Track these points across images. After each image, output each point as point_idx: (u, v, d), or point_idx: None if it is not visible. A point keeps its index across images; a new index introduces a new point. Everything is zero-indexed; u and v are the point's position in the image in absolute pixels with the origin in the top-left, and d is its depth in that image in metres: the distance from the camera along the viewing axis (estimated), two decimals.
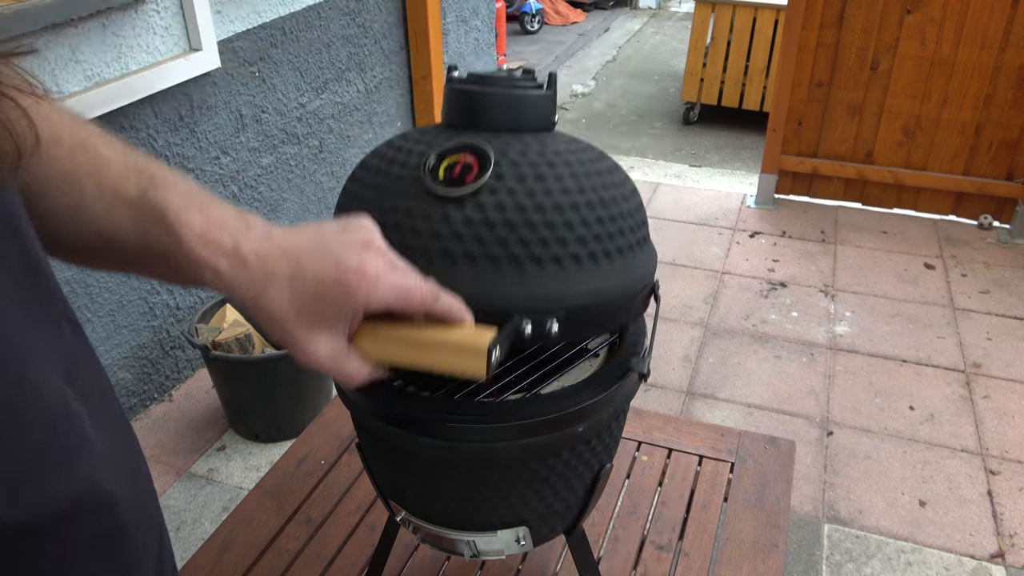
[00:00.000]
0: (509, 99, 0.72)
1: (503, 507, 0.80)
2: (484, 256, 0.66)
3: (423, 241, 0.67)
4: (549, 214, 0.67)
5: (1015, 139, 3.38)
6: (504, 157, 0.69)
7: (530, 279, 0.66)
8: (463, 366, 0.60)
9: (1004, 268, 3.26)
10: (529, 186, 0.68)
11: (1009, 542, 2.05)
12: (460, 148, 0.70)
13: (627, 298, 0.72)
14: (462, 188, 0.67)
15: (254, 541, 1.13)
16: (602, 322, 0.72)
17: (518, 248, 0.66)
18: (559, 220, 0.67)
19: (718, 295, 3.12)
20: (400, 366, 0.61)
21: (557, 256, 0.67)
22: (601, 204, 0.70)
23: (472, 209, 0.66)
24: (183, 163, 2.43)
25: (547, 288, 0.66)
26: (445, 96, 0.76)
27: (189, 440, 2.40)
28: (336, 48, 3.05)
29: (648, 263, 0.76)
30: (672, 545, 1.11)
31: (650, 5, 8.54)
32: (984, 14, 3.21)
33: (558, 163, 0.70)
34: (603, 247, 0.69)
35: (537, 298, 0.66)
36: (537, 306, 0.66)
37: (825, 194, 3.79)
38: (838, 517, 2.13)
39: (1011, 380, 2.63)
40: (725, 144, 5.00)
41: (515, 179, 0.68)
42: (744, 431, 1.31)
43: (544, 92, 0.74)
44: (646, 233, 0.77)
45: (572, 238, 0.67)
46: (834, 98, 3.57)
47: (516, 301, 0.65)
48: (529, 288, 0.66)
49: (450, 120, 0.75)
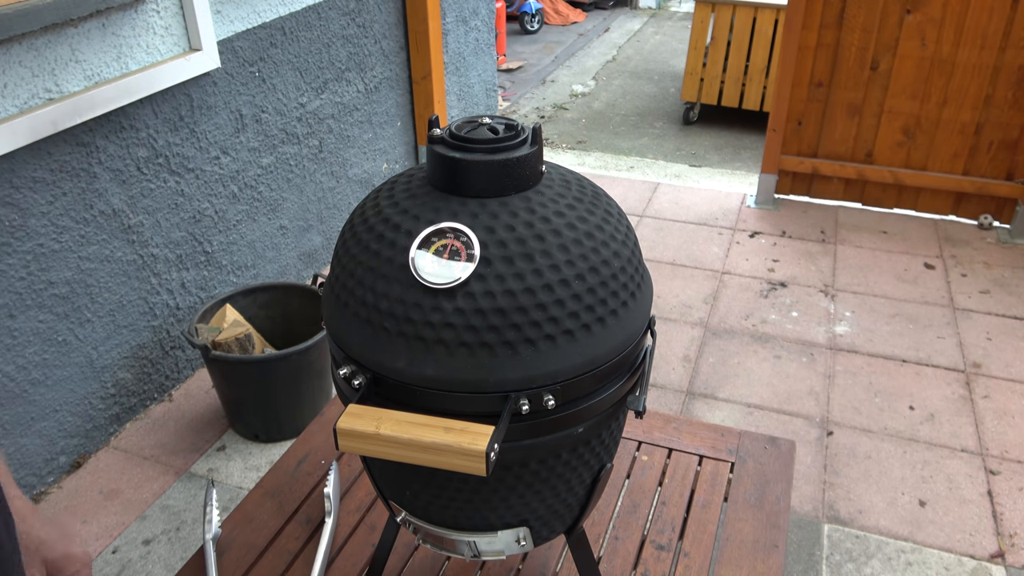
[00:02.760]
0: (493, 166, 0.71)
1: (503, 508, 0.80)
2: (478, 343, 0.66)
3: (418, 329, 0.67)
4: (540, 295, 0.67)
5: (1015, 139, 3.38)
6: (491, 235, 0.68)
7: (524, 361, 0.66)
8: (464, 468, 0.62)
9: (1004, 268, 3.26)
10: (518, 268, 0.67)
11: (1009, 542, 2.05)
12: (446, 233, 0.69)
13: (622, 354, 0.73)
14: (451, 281, 0.67)
15: (254, 541, 1.13)
16: (599, 382, 0.72)
17: (511, 333, 0.66)
18: (550, 300, 0.67)
19: (718, 295, 3.12)
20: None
21: (550, 335, 0.67)
22: (592, 272, 0.69)
23: (463, 299, 0.67)
24: (183, 163, 2.43)
25: (542, 367, 0.67)
26: (428, 157, 0.75)
27: (189, 440, 2.40)
28: (336, 48, 3.05)
29: (642, 312, 0.75)
30: (672, 545, 1.11)
31: (650, 5, 8.54)
32: (984, 14, 3.21)
33: (547, 233, 0.69)
34: (596, 315, 0.69)
35: (533, 378, 0.67)
36: (533, 385, 0.67)
37: (825, 194, 3.79)
38: (838, 517, 2.13)
39: (1011, 380, 2.63)
40: (725, 144, 5.00)
41: (503, 262, 0.67)
42: (744, 431, 1.32)
43: (528, 151, 0.73)
44: (640, 279, 0.76)
45: (564, 315, 0.67)
46: (834, 98, 3.57)
47: (511, 383, 0.66)
48: (524, 370, 0.66)
49: (435, 183, 0.74)
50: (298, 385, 2.31)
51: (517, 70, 6.44)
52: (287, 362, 2.23)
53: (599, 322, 0.69)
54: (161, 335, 2.49)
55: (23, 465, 2.16)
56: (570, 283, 0.68)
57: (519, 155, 0.72)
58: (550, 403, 0.67)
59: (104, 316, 2.27)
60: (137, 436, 2.41)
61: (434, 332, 0.67)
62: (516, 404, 0.65)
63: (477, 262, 0.67)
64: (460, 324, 0.66)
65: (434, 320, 0.67)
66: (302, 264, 3.13)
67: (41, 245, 2.05)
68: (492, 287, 0.67)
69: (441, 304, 0.67)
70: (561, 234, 0.69)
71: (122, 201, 2.25)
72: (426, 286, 0.68)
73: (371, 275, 0.71)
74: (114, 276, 2.28)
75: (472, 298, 0.67)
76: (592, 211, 0.74)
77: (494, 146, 0.72)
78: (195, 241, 2.55)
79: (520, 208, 0.71)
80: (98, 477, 2.27)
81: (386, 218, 0.74)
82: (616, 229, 0.75)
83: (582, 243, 0.70)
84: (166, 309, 2.49)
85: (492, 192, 0.72)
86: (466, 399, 0.67)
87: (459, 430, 0.62)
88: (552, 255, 0.68)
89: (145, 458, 2.33)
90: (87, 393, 2.29)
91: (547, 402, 0.67)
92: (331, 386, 2.45)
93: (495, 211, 0.70)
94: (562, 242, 0.69)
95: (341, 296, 0.74)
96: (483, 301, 0.66)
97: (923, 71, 3.39)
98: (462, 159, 0.71)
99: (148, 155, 2.31)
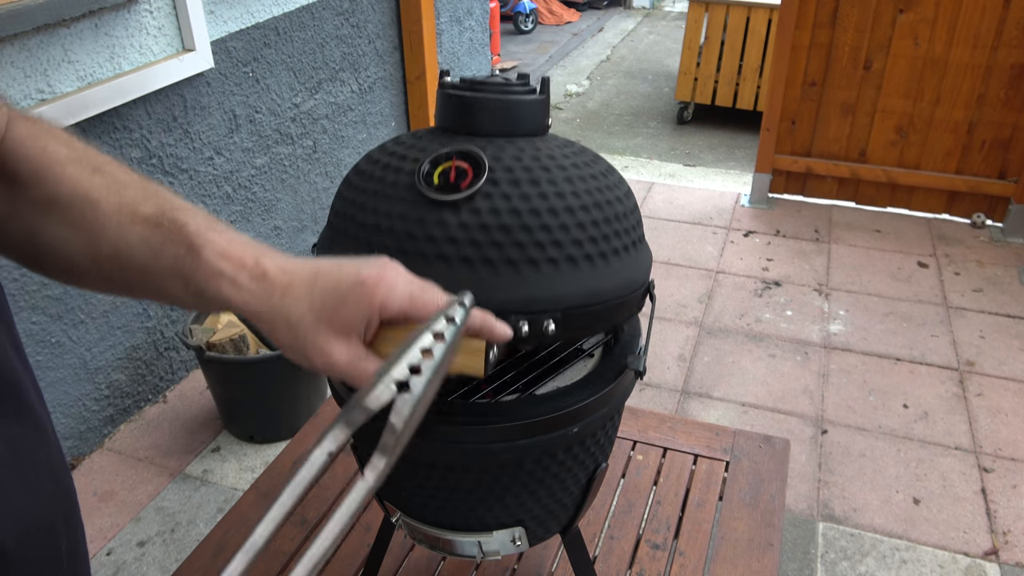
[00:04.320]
0: (502, 104, 0.72)
1: (499, 507, 0.80)
2: (480, 259, 0.66)
3: (419, 245, 0.67)
4: (545, 217, 0.67)
5: (1007, 138, 3.40)
6: (498, 162, 0.69)
7: (526, 281, 0.66)
8: (462, 365, 0.60)
9: (997, 266, 3.28)
10: (524, 190, 0.68)
11: (1003, 539, 2.06)
12: (454, 155, 0.70)
13: (623, 298, 0.72)
14: (457, 193, 0.67)
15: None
16: (598, 322, 0.72)
17: (514, 251, 0.66)
18: (555, 223, 0.67)
19: (712, 294, 3.13)
20: None
21: (553, 258, 0.67)
22: (596, 207, 0.70)
23: (467, 214, 0.66)
24: (177, 163, 2.42)
25: (544, 290, 0.66)
26: (438, 100, 0.76)
27: (183, 441, 2.40)
28: (330, 48, 3.05)
29: (643, 264, 0.76)
30: (667, 544, 1.12)
31: (644, 5, 8.54)
32: (976, 13, 3.22)
33: (553, 167, 0.70)
34: (599, 249, 0.69)
35: (534, 300, 0.66)
36: (534, 308, 0.66)
37: (819, 193, 3.80)
38: (833, 515, 2.14)
39: (1004, 378, 2.64)
40: (719, 143, 5.01)
41: (509, 183, 0.68)
42: (739, 430, 1.32)
43: (537, 96, 0.74)
44: (641, 234, 0.77)
45: (568, 240, 0.67)
46: (827, 97, 3.58)
47: (512, 304, 0.65)
48: (526, 290, 0.66)
49: (444, 124, 0.75)
50: (293, 386, 2.31)
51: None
52: (282, 363, 2.23)
53: (602, 257, 0.69)
54: (155, 336, 2.49)
55: None
56: (574, 211, 0.68)
57: (528, 99, 0.73)
58: (550, 327, 0.65)
59: (98, 317, 2.27)
60: (131, 438, 2.41)
61: (435, 247, 0.66)
62: (516, 324, 0.64)
63: (483, 180, 0.67)
64: (463, 239, 0.66)
65: (436, 235, 0.66)
66: None
67: None
68: (497, 204, 0.66)
69: (445, 218, 0.66)
70: (566, 169, 0.70)
71: None
72: (431, 200, 0.67)
73: (374, 198, 0.71)
74: None
75: (477, 214, 0.66)
76: (595, 163, 0.76)
77: (504, 89, 0.73)
78: None
79: (527, 147, 0.72)
80: (92, 479, 2.26)
81: (392, 152, 0.74)
82: (618, 184, 0.76)
83: (586, 180, 0.71)
84: (160, 310, 2.48)
85: (500, 133, 0.72)
86: None
87: None
88: (557, 184, 0.69)
89: (139, 460, 2.33)
90: (81, 395, 2.28)
91: (547, 327, 0.65)
92: (326, 387, 2.45)
93: (502, 146, 0.71)
94: (567, 175, 0.70)
95: (338, 226, 0.74)
96: (488, 217, 0.66)
97: (916, 70, 3.40)
98: (472, 97, 0.72)
99: (141, 156, 2.30)
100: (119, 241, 0.55)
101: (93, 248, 0.55)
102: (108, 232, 0.54)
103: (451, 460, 0.76)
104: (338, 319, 0.55)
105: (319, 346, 0.56)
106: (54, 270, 0.57)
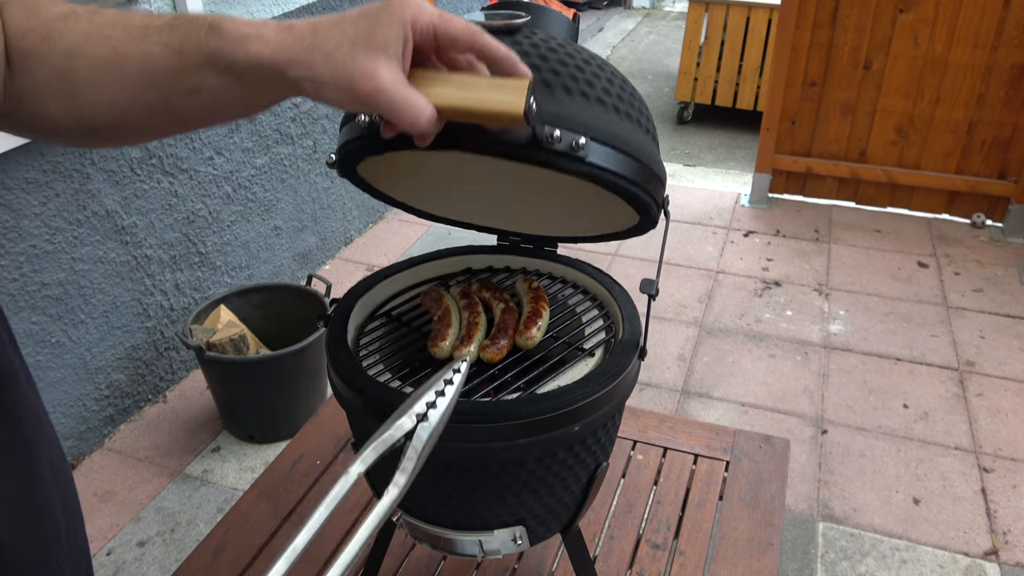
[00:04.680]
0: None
1: (500, 506, 0.80)
2: None
3: None
4: (579, 60, 0.71)
5: (1007, 138, 3.40)
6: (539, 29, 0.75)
7: (560, 102, 0.68)
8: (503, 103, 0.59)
9: (997, 266, 3.28)
10: (561, 42, 0.73)
11: (1003, 539, 2.06)
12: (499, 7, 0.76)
13: (643, 165, 0.73)
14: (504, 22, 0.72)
15: (249, 542, 1.13)
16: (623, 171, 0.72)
17: (551, 76, 0.69)
18: (587, 69, 0.71)
19: (712, 294, 3.13)
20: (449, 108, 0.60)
21: (585, 92, 0.69)
22: (622, 81, 0.75)
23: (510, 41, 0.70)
24: (177, 163, 2.42)
25: (574, 112, 0.68)
26: None
27: (183, 441, 2.40)
28: None
29: (660, 161, 0.79)
30: (668, 544, 1.12)
31: (644, 5, 8.55)
32: (976, 13, 3.22)
33: (581, 48, 0.76)
34: (625, 107, 0.72)
35: (567, 118, 0.67)
36: (568, 124, 0.67)
37: (819, 193, 3.80)
38: (833, 515, 2.14)
39: (1004, 378, 2.64)
40: (719, 143, 5.01)
41: (549, 36, 0.73)
42: (739, 430, 1.32)
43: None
44: (656, 135, 0.80)
45: (599, 85, 0.71)
46: (827, 97, 3.58)
47: (547, 117, 0.66)
48: (558, 107, 0.68)
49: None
50: (293, 386, 2.31)
51: None
52: (282, 363, 2.22)
53: (627, 116, 0.72)
54: (155, 336, 2.49)
55: None
56: (603, 68, 0.73)
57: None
58: (581, 141, 0.66)
59: (98, 317, 2.27)
60: (131, 438, 2.41)
61: None
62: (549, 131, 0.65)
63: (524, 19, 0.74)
64: None
65: None
66: (296, 265, 3.12)
67: (34, 246, 2.04)
68: (538, 42, 0.72)
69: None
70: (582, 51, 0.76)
71: (115, 202, 2.24)
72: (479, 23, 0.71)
73: None
74: (108, 277, 2.27)
75: (519, 44, 0.71)
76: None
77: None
78: (189, 242, 2.54)
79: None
80: (92, 479, 2.26)
81: None
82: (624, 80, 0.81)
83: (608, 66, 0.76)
84: (160, 310, 2.48)
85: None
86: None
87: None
88: (586, 52, 0.75)
89: (139, 460, 2.33)
90: (81, 395, 2.28)
91: (578, 140, 0.66)
92: (326, 386, 2.45)
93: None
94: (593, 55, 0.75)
95: None
96: (527, 46, 0.70)
97: (916, 70, 3.40)
98: None
99: (141, 156, 2.30)
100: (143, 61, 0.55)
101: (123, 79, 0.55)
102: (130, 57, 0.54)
103: (452, 459, 0.76)
104: (374, 39, 0.54)
105: (361, 68, 0.54)
106: (107, 132, 0.58)
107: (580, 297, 0.97)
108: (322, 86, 0.54)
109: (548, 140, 0.65)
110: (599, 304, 0.96)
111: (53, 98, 0.55)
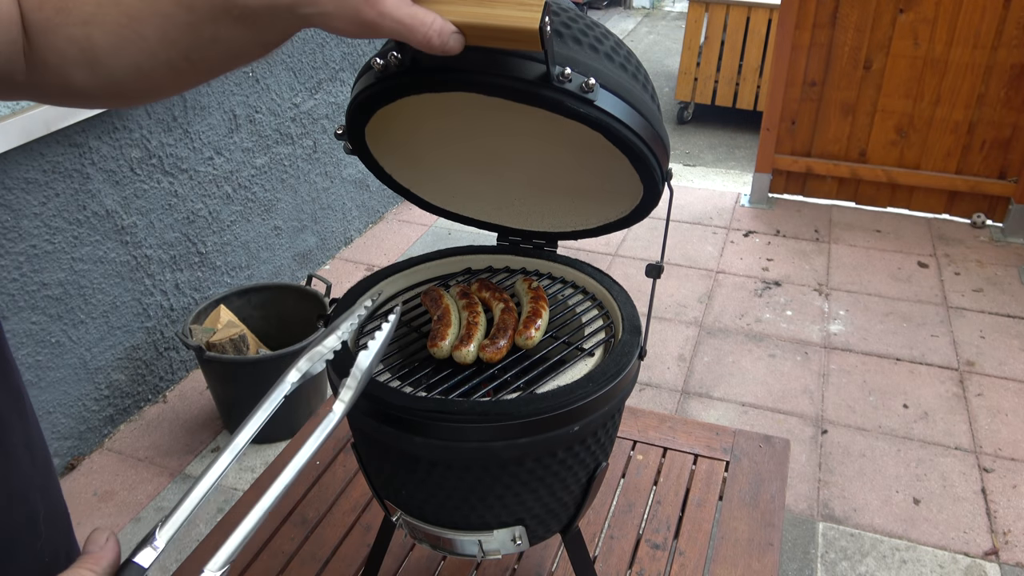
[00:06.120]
0: None
1: (499, 506, 0.80)
2: None
3: None
4: (588, 21, 0.74)
5: (1007, 138, 3.40)
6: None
7: (570, 48, 0.69)
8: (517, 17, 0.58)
9: (997, 266, 3.28)
10: (568, 5, 0.74)
11: (1003, 539, 2.06)
12: None
13: (649, 123, 0.74)
14: None
15: (249, 543, 1.13)
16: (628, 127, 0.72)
17: (562, 28, 0.70)
18: (597, 29, 0.74)
19: (712, 294, 3.13)
20: (462, 25, 0.59)
21: (595, 47, 0.71)
22: (627, 51, 0.76)
23: None
24: (177, 163, 2.42)
25: (585, 59, 0.69)
26: None
27: (183, 441, 2.40)
28: (330, 48, 3.05)
29: (664, 129, 0.79)
30: (667, 544, 1.12)
31: (644, 5, 8.55)
32: (976, 13, 3.22)
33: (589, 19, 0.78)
34: (632, 70, 0.74)
35: (577, 62, 0.68)
36: (577, 67, 0.68)
37: (819, 193, 3.80)
38: (833, 515, 2.14)
39: (1004, 378, 2.64)
40: (719, 143, 5.01)
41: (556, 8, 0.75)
42: (739, 430, 1.32)
43: None
44: (658, 106, 0.81)
45: (608, 44, 0.73)
46: (827, 97, 3.58)
47: (559, 58, 0.67)
48: (569, 52, 0.69)
49: None
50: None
51: None
52: (282, 363, 2.22)
53: (634, 78, 0.74)
54: (155, 336, 2.49)
55: None
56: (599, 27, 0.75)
57: None
58: (591, 82, 0.67)
59: (97, 317, 2.27)
60: (131, 438, 2.41)
61: None
62: (560, 69, 0.66)
63: None
64: None
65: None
66: (296, 264, 3.12)
67: (34, 246, 2.04)
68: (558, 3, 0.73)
69: None
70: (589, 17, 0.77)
71: (115, 202, 2.24)
72: None
73: None
74: (107, 277, 2.27)
75: None
76: None
77: None
78: (189, 242, 2.54)
79: None
80: (92, 479, 2.26)
81: None
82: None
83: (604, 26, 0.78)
84: (160, 310, 2.48)
85: None
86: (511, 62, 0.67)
87: None
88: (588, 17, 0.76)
89: (139, 460, 2.33)
90: (81, 395, 2.28)
91: (588, 82, 0.67)
92: (326, 386, 2.45)
93: None
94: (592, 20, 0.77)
95: None
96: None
97: (916, 70, 3.40)
98: None
99: (141, 156, 2.30)
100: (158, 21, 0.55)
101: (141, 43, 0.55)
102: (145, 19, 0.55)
103: (452, 458, 0.76)
104: None
105: None
106: (134, 93, 0.59)
107: (580, 297, 0.97)
108: (331, 18, 0.55)
109: (559, 79, 0.66)
110: (599, 304, 0.96)
111: (76, 66, 0.56)
